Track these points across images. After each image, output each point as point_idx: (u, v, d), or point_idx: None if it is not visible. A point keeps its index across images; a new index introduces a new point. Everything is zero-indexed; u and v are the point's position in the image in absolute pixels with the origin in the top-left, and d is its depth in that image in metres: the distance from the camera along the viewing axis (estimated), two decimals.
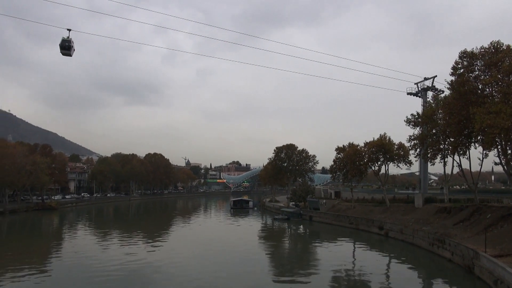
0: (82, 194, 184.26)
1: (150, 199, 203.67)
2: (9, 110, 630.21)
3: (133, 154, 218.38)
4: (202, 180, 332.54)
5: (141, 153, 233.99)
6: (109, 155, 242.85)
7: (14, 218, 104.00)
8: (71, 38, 24.30)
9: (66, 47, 24.56)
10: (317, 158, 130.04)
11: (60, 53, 24.79)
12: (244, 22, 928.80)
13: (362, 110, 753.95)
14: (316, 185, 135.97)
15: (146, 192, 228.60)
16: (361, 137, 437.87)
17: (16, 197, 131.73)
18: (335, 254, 54.11)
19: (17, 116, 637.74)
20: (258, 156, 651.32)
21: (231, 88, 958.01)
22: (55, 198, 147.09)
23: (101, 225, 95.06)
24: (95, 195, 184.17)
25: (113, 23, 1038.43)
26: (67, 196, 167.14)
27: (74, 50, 25.13)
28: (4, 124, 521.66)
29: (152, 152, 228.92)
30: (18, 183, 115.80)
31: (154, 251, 54.20)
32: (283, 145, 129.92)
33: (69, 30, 24.16)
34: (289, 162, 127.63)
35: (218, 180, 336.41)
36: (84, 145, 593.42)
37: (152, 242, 62.41)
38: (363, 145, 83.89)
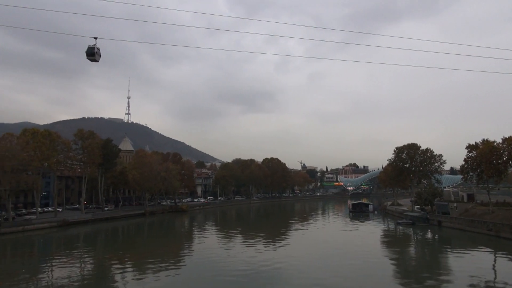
0: (208, 197, 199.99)
1: (269, 202, 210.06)
2: (145, 124, 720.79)
3: (251, 159, 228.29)
4: (319, 183, 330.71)
5: (259, 158, 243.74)
6: (230, 160, 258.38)
7: (152, 219, 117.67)
8: (95, 45, 27.16)
9: (91, 54, 27.26)
10: (444, 158, 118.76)
11: (88, 59, 27.86)
12: (354, 22, 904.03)
13: (496, 101, 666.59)
14: (444, 187, 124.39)
15: (265, 195, 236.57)
16: (497, 132, 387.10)
17: (154, 200, 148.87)
18: (472, 263, 48.14)
19: (152, 128, 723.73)
20: (376, 157, 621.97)
21: (344, 89, 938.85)
22: (185, 202, 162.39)
23: (226, 226, 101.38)
24: (219, 198, 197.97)
25: (229, 38, 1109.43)
26: (195, 200, 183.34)
27: (100, 56, 27.94)
28: (142, 136, 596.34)
29: (269, 157, 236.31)
30: (155, 188, 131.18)
31: (274, 252, 55.70)
32: (404, 145, 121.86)
33: (96, 38, 27.10)
34: (412, 162, 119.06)
35: (335, 183, 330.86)
36: (208, 152, 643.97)
37: (272, 244, 64.24)
38: (500, 141, 74.00)
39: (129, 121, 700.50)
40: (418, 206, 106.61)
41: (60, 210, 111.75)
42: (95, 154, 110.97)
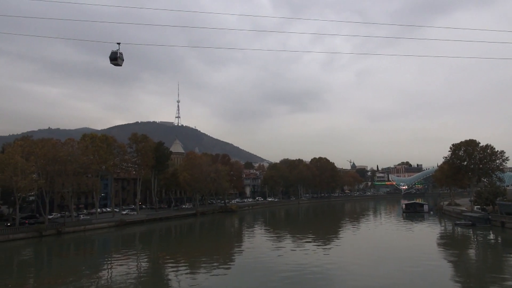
0: (257, 198, 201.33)
1: (318, 203, 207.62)
2: (195, 127, 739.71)
3: (299, 159, 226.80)
4: (369, 183, 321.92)
5: (307, 158, 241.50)
6: (277, 161, 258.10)
7: (203, 219, 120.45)
8: (118, 50, 28.46)
9: (114, 58, 28.55)
10: (506, 155, 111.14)
11: (111, 64, 29.05)
12: (403, 16, 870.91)
13: None
14: (508, 186, 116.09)
15: (314, 195, 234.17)
16: None
17: (204, 201, 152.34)
18: None
19: (201, 131, 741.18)
20: (430, 155, 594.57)
21: (394, 86, 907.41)
22: (235, 202, 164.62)
23: (275, 226, 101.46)
24: (268, 199, 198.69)
25: (275, 39, 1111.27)
26: (244, 200, 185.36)
27: (122, 60, 29.23)
28: (192, 138, 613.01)
29: (317, 157, 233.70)
30: (205, 188, 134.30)
31: (324, 254, 54.92)
32: (461, 142, 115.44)
33: (119, 43, 28.54)
34: (470, 160, 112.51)
35: (386, 183, 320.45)
36: (256, 153, 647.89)
37: (322, 245, 63.39)
38: None
39: (179, 124, 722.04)
40: (478, 206, 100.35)
41: (117, 210, 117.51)
42: (148, 157, 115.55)
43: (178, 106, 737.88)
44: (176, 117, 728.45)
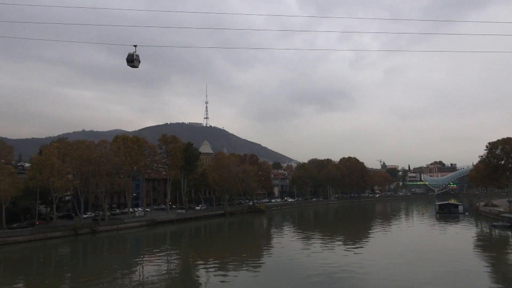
0: (285, 198, 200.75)
1: (348, 203, 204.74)
2: (223, 127, 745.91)
3: (328, 159, 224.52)
4: (401, 183, 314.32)
5: (335, 158, 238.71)
6: (306, 161, 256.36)
7: (232, 219, 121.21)
8: (134, 53, 29.06)
9: (130, 60, 29.25)
10: None
11: (128, 66, 29.74)
12: (434, 11, 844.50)
13: None
14: None
15: (343, 195, 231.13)
16: None
17: (233, 201, 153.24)
18: None
19: (229, 131, 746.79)
20: (465, 154, 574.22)
21: (425, 83, 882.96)
22: (263, 202, 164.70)
23: (303, 226, 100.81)
24: (296, 199, 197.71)
25: (302, 38, 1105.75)
26: (272, 200, 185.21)
27: (139, 62, 29.75)
28: (220, 139, 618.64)
29: (346, 156, 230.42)
30: (233, 189, 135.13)
31: (354, 254, 53.99)
32: (498, 140, 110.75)
33: (135, 46, 29.10)
34: (508, 159, 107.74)
35: (418, 183, 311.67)
36: (284, 153, 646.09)
37: (352, 246, 62.42)
38: None
39: (208, 125, 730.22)
40: None
41: (148, 210, 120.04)
42: (178, 157, 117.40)
43: (206, 107, 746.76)
44: (204, 118, 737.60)
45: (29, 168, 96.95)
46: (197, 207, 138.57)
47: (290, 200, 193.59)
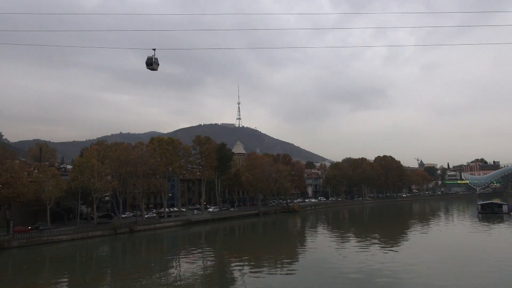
0: (319, 198, 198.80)
1: (384, 203, 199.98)
2: (255, 128, 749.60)
3: (362, 158, 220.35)
4: (439, 182, 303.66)
5: (370, 157, 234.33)
6: (339, 160, 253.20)
7: (266, 219, 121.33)
8: (153, 56, 29.73)
9: (149, 63, 29.98)
10: None
11: (147, 69, 30.38)
12: (473, 2, 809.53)
13: None
14: None
15: (379, 195, 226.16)
16: None
17: (266, 201, 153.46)
18: None
19: (262, 131, 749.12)
20: (509, 151, 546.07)
21: (464, 78, 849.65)
22: (296, 202, 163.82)
23: (338, 227, 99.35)
24: (330, 198, 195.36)
25: (335, 36, 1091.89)
26: (306, 200, 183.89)
27: (157, 65, 30.46)
28: (253, 139, 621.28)
29: (381, 155, 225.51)
30: (267, 189, 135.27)
31: (392, 255, 52.56)
32: None
33: (154, 49, 29.75)
34: None
35: (458, 181, 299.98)
36: (317, 153, 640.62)
37: (389, 246, 60.85)
38: None
39: (240, 126, 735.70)
40: None
41: (183, 210, 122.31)
42: (211, 158, 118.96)
43: (238, 107, 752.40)
44: (237, 119, 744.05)
45: (71, 169, 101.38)
46: (209, 209, 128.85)
47: (324, 200, 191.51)
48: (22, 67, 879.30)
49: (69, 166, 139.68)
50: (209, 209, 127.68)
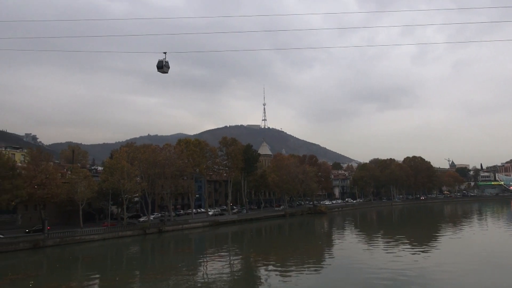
0: (346, 199, 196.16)
1: (413, 204, 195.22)
2: (281, 128, 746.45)
3: (391, 158, 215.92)
4: (472, 183, 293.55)
5: (399, 157, 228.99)
6: (367, 161, 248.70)
7: (293, 220, 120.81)
8: (164, 59, 29.92)
9: (160, 66, 30.13)
10: None
11: (158, 72, 30.58)
12: None
13: None
14: None
15: (408, 197, 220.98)
16: None
17: (293, 202, 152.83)
18: None
19: (287, 132, 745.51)
20: None
21: (497, 76, 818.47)
22: (323, 203, 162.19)
23: (366, 229, 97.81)
24: (357, 200, 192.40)
25: (361, 36, 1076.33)
26: (333, 201, 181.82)
27: (168, 68, 30.66)
28: (279, 140, 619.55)
29: (410, 155, 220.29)
30: (293, 190, 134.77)
31: (422, 258, 51.13)
32: None
33: (165, 53, 29.99)
34: None
35: (492, 183, 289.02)
36: (344, 153, 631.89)
37: (419, 249, 59.27)
38: None
39: (266, 127, 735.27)
40: None
41: (210, 213, 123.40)
42: (238, 159, 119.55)
43: (264, 109, 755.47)
44: (262, 120, 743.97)
45: (102, 171, 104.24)
46: (234, 210, 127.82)
47: (351, 201, 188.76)
48: (55, 72, 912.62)
49: (99, 168, 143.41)
50: (233, 210, 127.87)
